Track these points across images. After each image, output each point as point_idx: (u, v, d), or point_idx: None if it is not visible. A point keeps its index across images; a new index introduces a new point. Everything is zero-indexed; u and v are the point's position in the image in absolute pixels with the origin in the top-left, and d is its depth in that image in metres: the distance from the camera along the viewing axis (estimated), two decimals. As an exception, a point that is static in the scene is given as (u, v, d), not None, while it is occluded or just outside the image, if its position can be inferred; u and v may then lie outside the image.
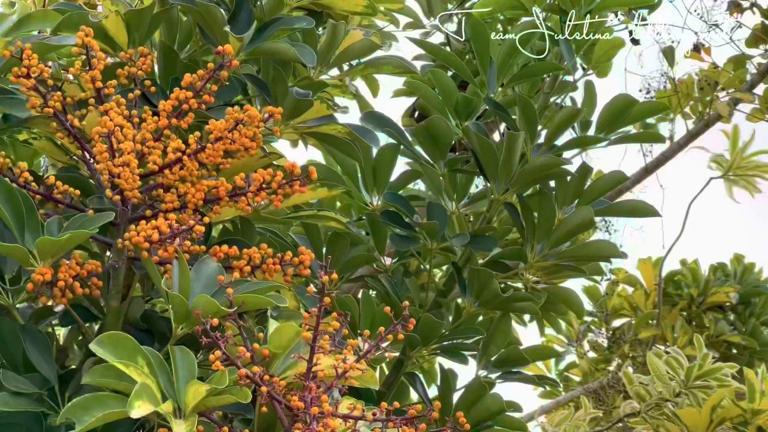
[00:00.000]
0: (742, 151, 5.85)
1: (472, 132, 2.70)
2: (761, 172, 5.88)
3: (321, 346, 2.02)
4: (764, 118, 5.38)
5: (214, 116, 2.33)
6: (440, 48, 2.97)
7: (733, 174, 5.87)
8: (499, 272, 2.89)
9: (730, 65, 5.32)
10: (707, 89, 5.22)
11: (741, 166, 5.85)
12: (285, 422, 2.00)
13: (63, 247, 2.08)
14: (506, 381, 2.92)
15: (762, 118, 5.37)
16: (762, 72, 5.23)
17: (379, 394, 2.73)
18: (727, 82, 5.25)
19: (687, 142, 5.25)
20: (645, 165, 5.17)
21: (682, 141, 5.24)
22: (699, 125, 5.25)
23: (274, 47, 2.40)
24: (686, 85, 5.35)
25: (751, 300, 6.33)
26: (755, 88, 5.29)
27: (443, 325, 2.71)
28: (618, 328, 6.30)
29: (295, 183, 2.26)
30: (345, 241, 2.77)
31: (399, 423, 1.99)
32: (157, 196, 2.29)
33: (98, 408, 1.86)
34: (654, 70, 5.54)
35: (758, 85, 5.28)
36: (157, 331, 2.36)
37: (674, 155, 5.20)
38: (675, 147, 5.22)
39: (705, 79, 5.27)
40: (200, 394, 1.92)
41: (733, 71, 5.25)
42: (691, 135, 5.24)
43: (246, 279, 2.24)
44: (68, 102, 2.29)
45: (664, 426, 4.03)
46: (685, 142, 5.24)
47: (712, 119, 5.21)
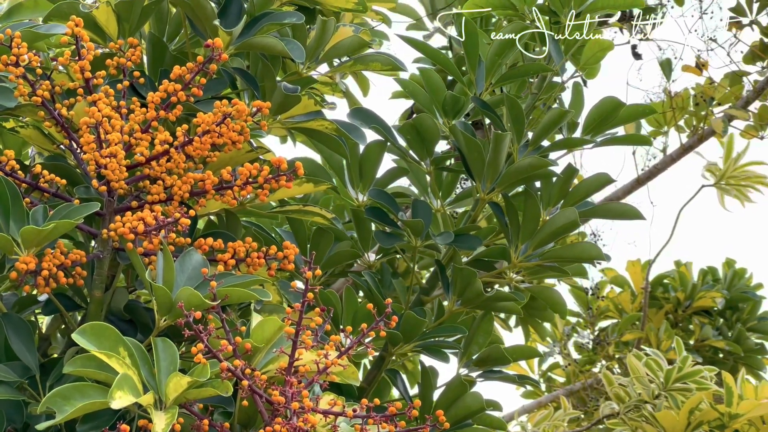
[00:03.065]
0: (735, 160, 5.86)
1: (459, 131, 2.70)
2: (753, 183, 5.89)
3: (303, 341, 2.03)
4: (758, 135, 5.39)
5: (202, 109, 2.34)
6: (426, 44, 2.97)
7: (725, 183, 5.88)
8: (482, 271, 2.90)
9: (726, 81, 5.34)
10: (703, 104, 5.24)
11: (734, 176, 5.86)
12: (265, 416, 2.00)
13: (48, 237, 2.09)
14: (487, 380, 2.93)
15: (755, 135, 5.39)
16: (758, 89, 5.24)
17: (360, 391, 2.74)
18: (723, 97, 5.27)
19: (680, 156, 5.27)
20: (637, 176, 5.19)
21: (675, 154, 5.26)
22: (692, 139, 5.27)
23: (264, 42, 2.40)
24: (682, 98, 5.37)
25: (739, 305, 6.34)
26: (750, 104, 5.30)
27: (425, 322, 2.72)
28: (603, 330, 6.31)
29: (282, 178, 2.27)
30: (330, 237, 2.78)
31: (379, 420, 2.00)
32: (143, 188, 2.29)
33: (79, 398, 1.86)
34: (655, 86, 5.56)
35: (753, 101, 5.30)
36: (140, 322, 2.36)
37: (666, 168, 5.22)
38: (668, 160, 5.24)
39: (701, 94, 5.29)
40: (181, 386, 1.92)
41: (729, 87, 5.26)
42: (684, 149, 5.26)
43: (230, 272, 2.25)
44: (57, 91, 2.29)
45: (642, 428, 4.04)
46: (678, 155, 5.26)
47: (706, 134, 5.23)
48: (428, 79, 2.85)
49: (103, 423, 2.08)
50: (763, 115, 5.32)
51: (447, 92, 2.83)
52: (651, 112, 2.91)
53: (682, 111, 5.37)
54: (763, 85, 5.22)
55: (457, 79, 2.89)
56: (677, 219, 5.70)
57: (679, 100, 5.36)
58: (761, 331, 6.30)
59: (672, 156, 5.25)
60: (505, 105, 2.75)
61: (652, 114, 2.96)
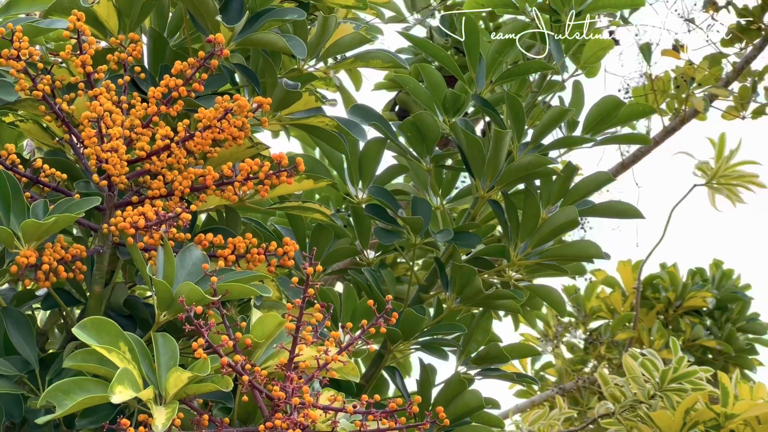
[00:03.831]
0: (726, 160, 5.86)
1: (460, 128, 2.70)
2: (745, 182, 5.89)
3: (303, 337, 2.03)
4: (739, 116, 5.40)
5: (202, 105, 2.33)
6: (428, 42, 2.96)
7: (716, 182, 5.88)
8: (481, 269, 2.90)
9: (705, 63, 5.34)
10: (683, 86, 5.24)
11: (725, 175, 5.86)
12: (265, 412, 2.00)
13: (48, 231, 2.08)
14: (485, 378, 2.93)
15: (737, 115, 5.39)
16: (737, 70, 5.25)
17: (359, 388, 2.74)
18: (703, 79, 5.27)
19: (663, 138, 5.26)
20: (622, 160, 5.19)
21: (658, 137, 5.26)
22: (675, 121, 5.27)
23: (265, 38, 2.40)
24: (662, 81, 5.37)
25: (728, 305, 6.36)
26: (730, 85, 5.31)
27: (425, 320, 2.71)
28: (595, 330, 6.32)
29: (282, 174, 2.27)
30: (329, 234, 2.78)
31: (379, 416, 2.00)
32: (143, 183, 2.29)
33: (79, 392, 1.86)
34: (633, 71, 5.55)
35: (733, 82, 5.31)
36: (140, 318, 2.36)
37: (650, 151, 5.21)
38: (651, 143, 5.24)
39: (681, 76, 5.29)
40: (182, 381, 1.92)
41: (708, 69, 5.27)
42: (666, 131, 5.25)
43: (230, 268, 2.25)
44: (57, 86, 2.29)
45: (638, 428, 4.04)
46: (661, 138, 5.26)
47: (688, 115, 5.22)
48: (428, 76, 2.85)
49: (103, 418, 2.08)
50: (743, 94, 5.34)
51: (447, 90, 2.83)
52: (651, 111, 2.91)
53: (664, 94, 5.37)
54: (742, 65, 5.23)
55: (457, 77, 2.88)
56: (669, 219, 5.71)
57: (660, 84, 5.35)
58: (750, 331, 6.32)
59: (655, 139, 5.25)
60: (506, 103, 2.74)
61: (652, 113, 2.97)
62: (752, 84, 5.39)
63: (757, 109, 5.43)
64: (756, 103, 5.41)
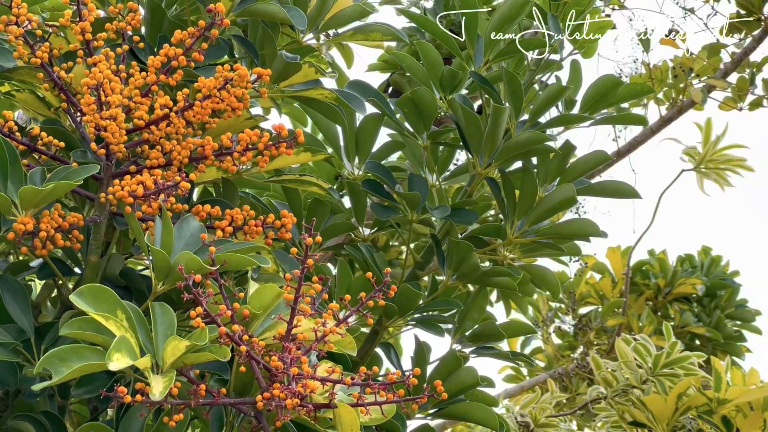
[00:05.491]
0: (714, 144, 5.87)
1: (458, 103, 2.69)
2: (732, 166, 5.90)
3: (301, 309, 2.01)
4: (736, 107, 5.41)
5: (201, 75, 2.32)
6: (427, 19, 2.94)
7: (704, 167, 5.90)
8: (476, 247, 2.88)
9: (704, 53, 5.35)
10: (682, 76, 5.25)
11: (713, 159, 5.88)
12: (262, 383, 1.99)
13: (46, 198, 2.07)
14: (480, 356, 2.92)
15: (734, 106, 5.41)
16: (736, 61, 5.26)
17: (354, 364, 2.73)
18: (701, 69, 5.28)
19: (660, 128, 5.27)
20: (617, 149, 5.19)
21: (654, 126, 5.27)
22: (672, 111, 5.28)
23: (266, 8, 2.39)
24: (660, 71, 5.37)
25: (717, 292, 6.39)
26: (728, 76, 5.32)
27: (421, 295, 2.70)
28: (584, 316, 6.32)
29: (282, 144, 2.25)
30: (326, 208, 2.76)
31: (377, 388, 1.99)
32: (141, 153, 2.28)
33: (76, 359, 1.85)
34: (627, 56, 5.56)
35: (731, 73, 5.32)
36: (136, 289, 2.35)
37: (646, 140, 5.23)
38: (647, 132, 5.25)
39: (679, 65, 5.29)
40: (179, 350, 1.91)
41: (707, 59, 5.27)
42: (663, 121, 5.26)
43: (228, 239, 2.23)
44: (55, 54, 2.28)
45: (630, 412, 4.05)
46: (657, 127, 5.27)
47: (686, 106, 5.23)
48: (425, 53, 2.83)
49: (99, 387, 2.08)
50: (741, 86, 5.35)
51: (445, 67, 2.81)
52: (649, 91, 2.90)
53: (661, 83, 5.38)
54: (741, 57, 5.24)
55: (455, 54, 2.87)
56: (658, 204, 5.72)
57: (658, 73, 5.36)
58: (739, 318, 6.35)
59: (652, 128, 5.26)
60: (504, 80, 2.73)
61: (650, 93, 2.95)
62: (750, 75, 5.40)
63: (754, 101, 5.45)
64: (753, 95, 5.42)
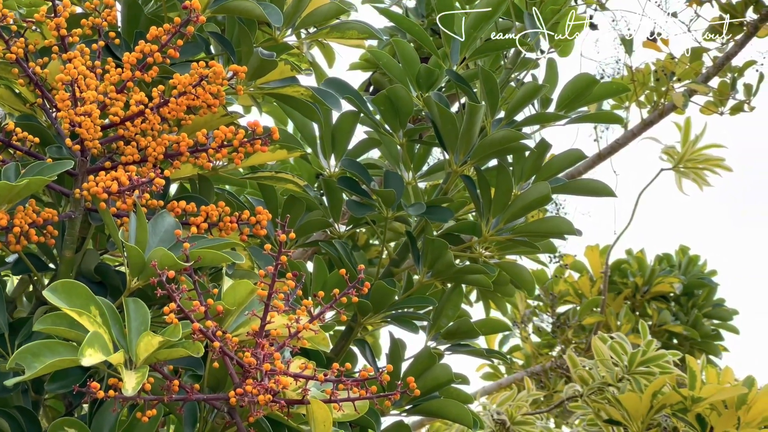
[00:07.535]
0: (693, 143, 5.91)
1: (434, 101, 2.70)
2: (711, 166, 5.94)
3: (275, 305, 2.02)
4: (717, 111, 5.44)
5: (177, 72, 2.32)
6: (404, 18, 2.96)
7: (683, 166, 5.93)
8: (453, 245, 2.89)
9: (686, 57, 5.37)
10: (663, 79, 5.27)
11: (691, 159, 5.91)
12: (235, 379, 2.00)
13: (20, 193, 2.07)
14: (455, 353, 2.93)
15: (715, 110, 5.43)
16: (718, 65, 5.28)
17: (328, 361, 2.73)
18: (683, 73, 5.30)
19: (641, 131, 5.29)
20: (598, 151, 5.21)
21: (636, 129, 5.28)
22: (653, 114, 5.29)
23: (241, 5, 2.39)
24: (642, 74, 5.40)
25: (694, 291, 6.42)
26: (709, 81, 5.34)
27: (395, 292, 2.71)
28: (563, 314, 6.35)
29: (257, 141, 2.26)
30: (301, 205, 2.77)
31: (350, 384, 1.99)
32: (116, 149, 2.27)
33: (49, 354, 1.85)
34: (608, 57, 5.57)
35: (713, 78, 5.34)
36: (111, 285, 2.34)
37: (627, 143, 5.24)
38: (629, 135, 5.26)
39: (661, 69, 5.31)
40: (152, 345, 1.91)
41: (689, 63, 5.29)
42: (645, 123, 5.28)
43: (202, 236, 2.24)
44: (30, 50, 2.27)
45: (605, 410, 4.06)
46: (639, 130, 5.28)
47: (667, 109, 5.25)
48: (402, 51, 2.84)
49: (72, 382, 2.08)
50: (723, 90, 5.37)
51: (421, 65, 2.82)
52: (624, 90, 2.92)
53: (643, 86, 5.40)
54: (722, 61, 5.26)
55: (432, 52, 2.88)
56: (636, 203, 5.75)
57: (640, 76, 5.38)
58: (716, 317, 6.39)
59: (633, 131, 5.28)
60: (480, 78, 2.74)
61: (625, 92, 2.97)
62: (732, 80, 5.42)
63: (735, 106, 5.47)
64: (735, 99, 5.45)
